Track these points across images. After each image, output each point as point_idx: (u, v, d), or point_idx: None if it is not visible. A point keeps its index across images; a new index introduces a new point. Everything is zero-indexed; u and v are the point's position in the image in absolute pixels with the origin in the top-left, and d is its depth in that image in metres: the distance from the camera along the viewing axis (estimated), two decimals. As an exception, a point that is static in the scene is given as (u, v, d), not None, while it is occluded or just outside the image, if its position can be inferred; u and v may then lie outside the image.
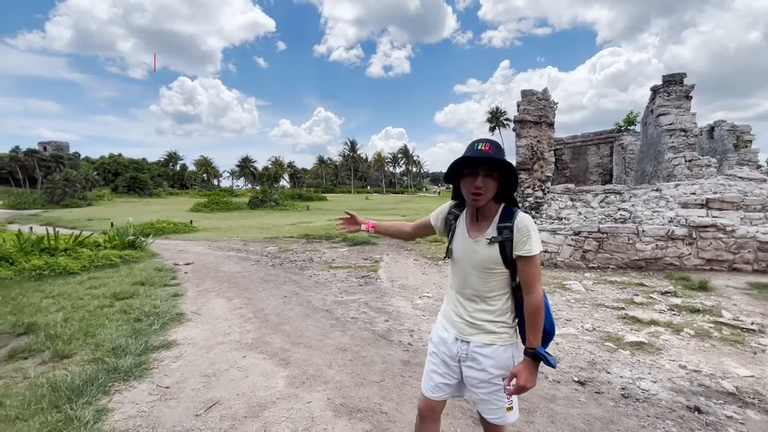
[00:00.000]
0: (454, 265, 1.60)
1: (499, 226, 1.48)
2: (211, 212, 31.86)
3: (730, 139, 12.71)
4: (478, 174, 1.43)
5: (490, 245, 1.47)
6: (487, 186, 1.43)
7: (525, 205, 9.72)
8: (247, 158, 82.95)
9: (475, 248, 1.51)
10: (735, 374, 3.01)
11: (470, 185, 1.44)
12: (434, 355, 1.66)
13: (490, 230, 1.49)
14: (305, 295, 5.64)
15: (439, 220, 1.72)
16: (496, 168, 1.44)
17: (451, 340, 1.58)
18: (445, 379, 1.61)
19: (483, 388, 1.53)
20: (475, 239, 1.52)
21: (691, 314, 4.42)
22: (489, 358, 1.50)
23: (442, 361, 1.62)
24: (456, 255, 1.58)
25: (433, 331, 1.74)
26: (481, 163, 1.43)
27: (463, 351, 1.55)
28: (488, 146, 1.43)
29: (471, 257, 1.52)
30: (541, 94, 9.79)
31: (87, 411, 2.45)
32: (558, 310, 4.69)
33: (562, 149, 18.69)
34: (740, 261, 6.37)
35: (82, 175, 43.49)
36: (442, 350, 1.62)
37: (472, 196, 1.45)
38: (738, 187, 8.06)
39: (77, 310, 4.61)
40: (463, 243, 1.56)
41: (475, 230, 1.54)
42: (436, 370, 1.63)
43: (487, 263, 1.48)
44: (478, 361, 1.52)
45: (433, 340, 1.70)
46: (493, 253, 1.47)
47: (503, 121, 60.61)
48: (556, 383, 2.95)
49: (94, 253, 7.82)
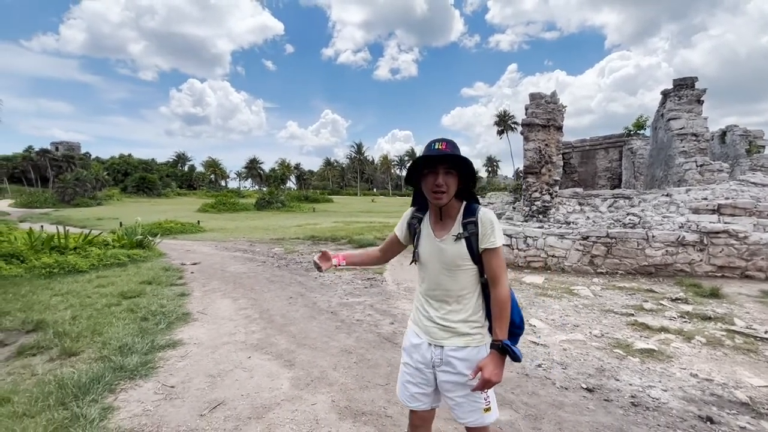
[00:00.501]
0: (423, 268, 1.58)
1: (464, 222, 1.49)
2: (218, 213, 32.12)
3: (743, 145, 12.49)
4: (438, 172, 1.43)
5: (457, 242, 1.48)
6: (448, 183, 1.44)
7: (533, 209, 9.64)
8: (254, 160, 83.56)
9: (442, 247, 1.51)
10: (748, 384, 2.94)
11: (431, 184, 1.45)
12: (407, 365, 1.63)
13: (455, 227, 1.51)
14: (311, 296, 5.64)
15: (404, 229, 1.69)
16: (456, 165, 1.44)
17: (425, 347, 1.56)
18: (421, 389, 1.59)
19: (458, 392, 1.51)
20: (441, 238, 1.52)
21: (703, 322, 4.33)
22: (463, 360, 1.49)
23: (416, 369, 1.59)
24: (423, 257, 1.56)
25: (404, 339, 1.70)
26: (440, 162, 1.43)
27: (437, 356, 1.53)
28: (445, 145, 1.45)
29: (439, 257, 1.51)
30: (549, 97, 9.72)
31: (93, 409, 2.46)
32: (565, 316, 4.63)
33: (571, 153, 18.53)
34: (753, 268, 6.24)
35: (93, 175, 44.11)
36: (415, 358, 1.59)
37: (434, 194, 1.45)
38: (751, 193, 7.91)
39: (85, 308, 4.65)
40: (429, 244, 1.55)
41: (440, 229, 1.54)
42: (411, 380, 1.60)
43: (456, 260, 1.48)
44: (452, 365, 1.50)
45: (406, 348, 1.66)
46: (461, 250, 1.48)
47: (511, 124, 60.35)
48: (564, 390, 2.90)
49: (103, 252, 7.91)
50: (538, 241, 7.45)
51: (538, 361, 3.40)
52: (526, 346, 3.73)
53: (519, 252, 7.65)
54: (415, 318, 1.65)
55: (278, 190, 50.53)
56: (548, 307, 5.00)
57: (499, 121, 62.71)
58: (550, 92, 9.85)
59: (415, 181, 1.56)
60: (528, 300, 5.30)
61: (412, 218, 1.65)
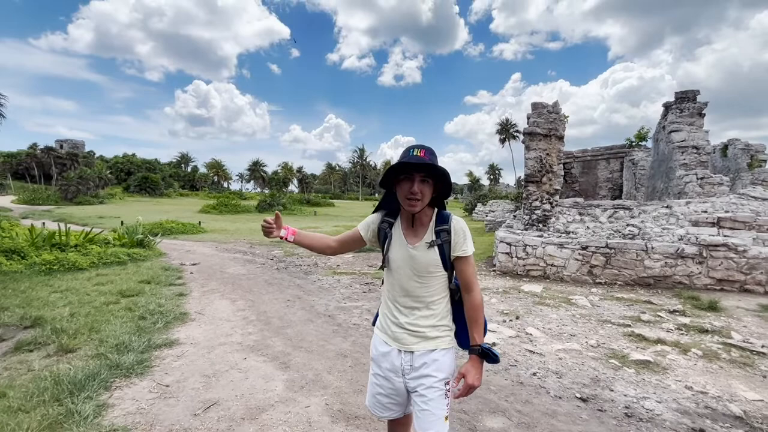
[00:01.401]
0: (392, 274, 1.55)
1: (437, 229, 1.50)
2: (219, 214, 32.16)
3: (744, 158, 12.52)
4: (414, 180, 1.42)
5: (430, 249, 1.48)
6: (423, 192, 1.43)
7: (533, 218, 9.66)
8: (257, 162, 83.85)
9: (414, 254, 1.50)
10: (743, 398, 2.93)
11: (407, 191, 1.43)
12: (378, 376, 1.59)
13: (428, 234, 1.51)
14: (308, 299, 5.65)
15: (370, 231, 1.65)
16: (432, 174, 1.44)
17: (394, 354, 1.53)
18: (391, 399, 1.57)
19: (425, 396, 1.47)
20: (414, 245, 1.51)
21: (700, 334, 4.32)
22: (432, 363, 1.49)
23: (385, 378, 1.56)
24: (394, 263, 1.54)
25: (372, 347, 1.65)
26: (417, 169, 1.42)
27: (407, 362, 1.51)
28: (423, 152, 1.43)
29: (411, 264, 1.50)
30: (551, 107, 9.78)
31: (87, 405, 2.47)
32: (563, 325, 4.63)
33: (572, 163, 18.57)
34: (752, 282, 6.23)
35: (96, 174, 44.27)
36: (384, 367, 1.56)
37: (408, 201, 1.44)
38: (751, 207, 7.92)
39: (84, 305, 4.67)
40: (401, 250, 1.53)
41: (411, 236, 1.53)
42: (381, 391, 1.57)
43: (428, 267, 1.48)
44: (422, 369, 1.49)
45: (374, 357, 1.61)
46: (433, 257, 1.48)
47: (513, 133, 60.48)
48: (558, 399, 2.90)
49: (103, 250, 7.94)
50: (538, 250, 7.46)
51: (533, 369, 3.40)
52: (522, 355, 3.73)
53: (518, 260, 7.65)
54: (382, 325, 1.61)
55: (280, 193, 50.61)
56: (546, 316, 4.99)
57: (501, 129, 62.87)
58: (552, 102, 9.90)
59: (389, 185, 1.55)
60: (526, 309, 5.30)
61: (383, 222, 1.61)
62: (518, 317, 4.89)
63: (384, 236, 1.59)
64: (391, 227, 1.58)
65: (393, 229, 1.58)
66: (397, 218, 1.60)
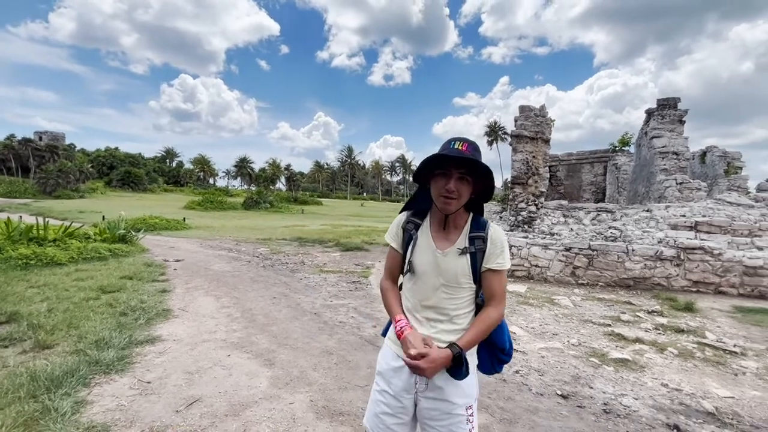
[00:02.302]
0: (416, 281, 1.37)
1: (471, 236, 1.34)
2: (205, 211, 31.70)
3: (721, 165, 12.95)
4: (452, 176, 1.25)
5: (461, 256, 1.33)
6: (460, 190, 1.26)
7: (518, 219, 9.80)
8: (244, 159, 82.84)
9: (443, 260, 1.33)
10: (715, 395, 3.04)
11: (441, 187, 1.27)
12: (385, 394, 1.38)
13: (461, 240, 1.35)
14: (295, 297, 5.62)
15: (399, 237, 1.45)
16: (473, 171, 1.27)
17: (408, 370, 1.30)
18: (398, 419, 1.37)
19: (443, 421, 1.32)
20: (444, 251, 1.34)
21: (676, 334, 4.46)
22: (454, 386, 1.31)
23: (394, 397, 1.36)
24: (420, 269, 1.35)
25: (379, 362, 1.45)
26: (456, 164, 1.25)
27: (422, 381, 1.32)
28: (466, 146, 1.26)
29: (438, 271, 1.33)
30: (538, 110, 9.94)
31: (65, 402, 2.41)
32: (545, 324, 4.72)
33: (557, 166, 18.91)
34: (726, 284, 6.45)
35: (77, 167, 43.10)
36: (395, 384, 1.36)
37: (444, 199, 1.27)
38: (726, 212, 8.20)
39: (62, 301, 4.56)
40: (428, 255, 1.35)
41: (442, 240, 1.36)
42: (388, 411, 1.37)
43: (457, 277, 1.33)
44: (440, 390, 1.31)
45: (383, 373, 1.41)
46: (464, 266, 1.32)
47: (501, 135, 61.23)
48: (540, 396, 2.96)
49: (84, 245, 7.74)
50: (523, 251, 7.57)
51: (516, 367, 3.46)
52: (505, 353, 3.79)
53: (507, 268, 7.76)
54: (396, 337, 1.37)
55: (267, 191, 50.15)
56: (529, 315, 5.08)
57: (489, 131, 63.58)
58: (540, 106, 10.07)
59: (423, 180, 1.37)
60: (510, 308, 5.38)
61: (408, 223, 1.42)
62: (502, 316, 4.97)
63: (409, 238, 1.40)
64: (418, 229, 1.40)
65: (420, 230, 1.40)
66: (425, 219, 1.42)
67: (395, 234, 1.46)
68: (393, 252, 1.48)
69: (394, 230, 1.47)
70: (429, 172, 1.32)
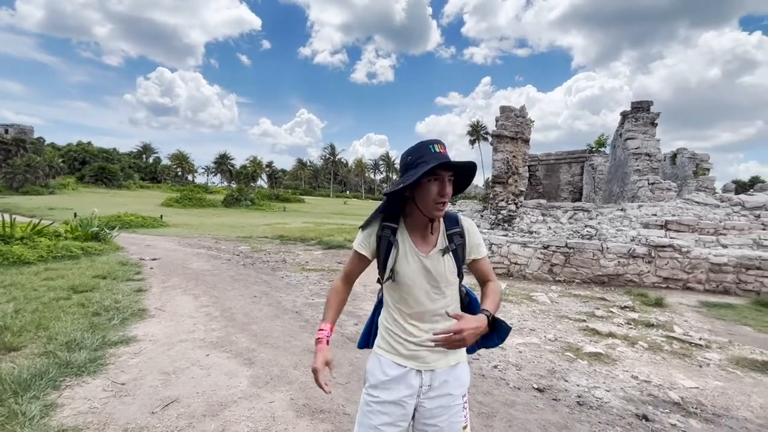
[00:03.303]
0: (404, 289, 1.34)
1: (449, 233, 1.36)
2: (183, 208, 30.95)
3: (690, 166, 13.51)
4: (445, 180, 1.25)
5: (445, 255, 1.34)
6: (450, 193, 1.27)
7: (499, 218, 9.98)
8: (224, 155, 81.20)
9: (430, 264, 1.33)
10: (681, 385, 3.19)
11: (434, 193, 1.24)
12: (385, 405, 1.33)
13: (440, 240, 1.35)
14: (276, 295, 5.57)
15: (371, 244, 1.39)
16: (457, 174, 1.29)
17: (412, 374, 1.32)
18: (398, 427, 1.33)
19: (444, 415, 1.33)
20: (427, 254, 1.33)
21: (646, 328, 4.65)
22: (453, 381, 1.35)
23: (397, 404, 1.32)
24: (406, 277, 1.32)
25: (373, 374, 1.38)
26: (447, 168, 1.25)
27: (427, 382, 1.33)
28: (444, 148, 1.27)
29: (427, 275, 1.32)
30: (518, 111, 10.13)
31: (34, 406, 2.33)
32: (523, 320, 4.83)
33: (537, 166, 19.32)
34: (693, 280, 6.75)
35: (46, 162, 41.32)
36: (397, 391, 1.33)
37: (437, 206, 1.26)
38: (694, 211, 8.57)
39: (30, 301, 4.38)
40: (413, 261, 1.33)
41: (421, 243, 1.35)
42: (388, 420, 1.31)
43: (447, 276, 1.34)
44: (443, 387, 1.34)
45: (378, 384, 1.35)
46: (450, 264, 1.34)
47: (483, 135, 62.06)
48: (517, 390, 3.04)
49: (53, 243, 7.45)
50: (503, 249, 7.72)
51: (494, 362, 3.54)
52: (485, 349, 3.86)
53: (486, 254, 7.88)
54: (390, 346, 1.37)
55: (248, 188, 49.31)
56: (508, 312, 5.19)
57: (472, 131, 64.35)
58: (520, 106, 10.27)
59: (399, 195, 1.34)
60: (489, 305, 5.48)
61: (384, 229, 1.36)
62: (482, 313, 5.06)
63: (388, 245, 1.35)
64: (395, 234, 1.35)
65: (399, 236, 1.35)
66: (399, 223, 1.37)
67: (366, 242, 1.40)
68: (359, 258, 1.42)
69: (364, 238, 1.40)
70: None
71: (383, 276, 1.38)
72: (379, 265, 1.39)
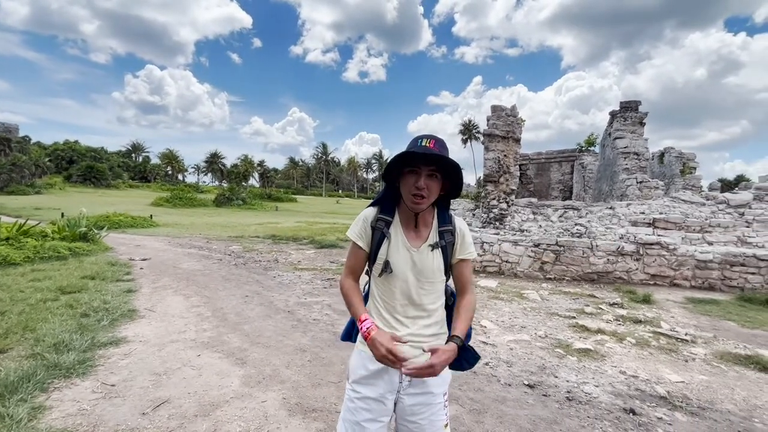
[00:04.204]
0: (393, 281, 1.35)
1: (441, 230, 1.38)
2: (173, 207, 30.61)
3: (678, 165, 13.75)
4: (421, 173, 1.26)
5: (433, 251, 1.36)
6: (430, 188, 1.27)
7: (490, 216, 10.05)
8: (215, 154, 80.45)
9: (418, 258, 1.35)
10: (668, 380, 3.26)
11: (411, 185, 1.27)
12: (367, 400, 1.34)
13: (431, 235, 1.37)
14: (268, 295, 5.55)
15: (366, 236, 1.40)
16: (441, 168, 1.28)
17: (392, 370, 1.32)
18: (380, 423, 1.35)
19: (425, 413, 1.35)
20: (417, 248, 1.36)
21: (634, 324, 4.73)
22: (433, 379, 1.33)
23: (377, 400, 1.34)
24: (396, 269, 1.34)
25: (354, 370, 1.40)
26: (425, 161, 1.26)
27: (407, 378, 1.33)
28: (433, 143, 1.27)
29: (414, 269, 1.34)
30: (509, 110, 10.21)
31: (21, 408, 2.30)
32: (514, 318, 4.88)
33: (527, 165, 19.49)
34: (680, 277, 6.89)
35: (33, 161, 40.53)
36: (378, 386, 1.34)
37: (413, 198, 1.28)
38: (681, 209, 8.73)
39: (17, 303, 4.31)
40: (403, 254, 1.35)
41: (413, 237, 1.37)
42: (370, 417, 1.33)
43: (434, 272, 1.35)
44: (424, 384, 1.34)
45: (360, 380, 1.37)
46: (438, 260, 1.36)
47: (475, 134, 62.36)
48: (508, 386, 3.08)
49: (40, 243, 7.33)
50: (494, 247, 7.78)
51: (486, 359, 3.57)
52: (476, 346, 3.89)
53: (476, 257, 7.94)
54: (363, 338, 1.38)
55: (240, 187, 48.92)
56: (499, 309, 5.24)
57: (464, 130, 64.61)
58: (511, 106, 10.35)
59: (392, 179, 1.37)
60: (481, 303, 5.53)
61: (378, 221, 1.38)
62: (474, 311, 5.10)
63: (381, 237, 1.37)
64: (388, 226, 1.38)
65: (392, 228, 1.38)
66: (394, 215, 1.40)
67: (361, 232, 1.40)
68: (357, 250, 1.41)
69: (360, 228, 1.41)
70: (398, 171, 1.33)
71: (372, 267, 1.40)
72: (370, 256, 1.40)
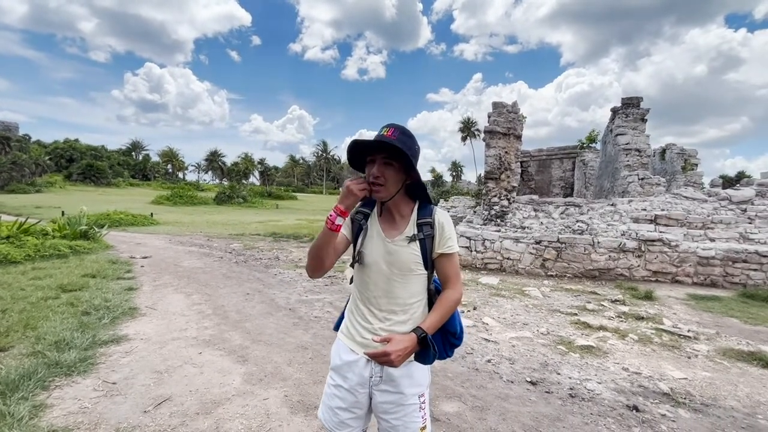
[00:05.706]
0: (367, 272, 1.36)
1: (419, 222, 1.35)
2: (174, 206, 30.62)
3: (679, 162, 13.70)
4: (377, 162, 1.27)
5: (411, 244, 1.33)
6: (386, 176, 1.27)
7: (491, 213, 10.03)
8: (215, 152, 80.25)
9: (393, 249, 1.33)
10: (671, 376, 3.25)
11: (368, 174, 1.29)
12: (339, 389, 1.37)
13: (409, 228, 1.35)
14: (269, 293, 5.54)
15: (348, 227, 1.42)
16: (395, 156, 1.27)
17: (362, 363, 1.33)
18: (352, 413, 1.36)
19: (397, 413, 1.33)
20: (393, 239, 1.34)
21: (636, 321, 4.72)
22: (407, 377, 1.33)
23: (350, 391, 1.35)
24: (370, 259, 1.35)
25: (333, 357, 1.43)
26: (377, 149, 1.28)
27: (377, 374, 1.32)
28: (392, 131, 1.26)
29: (389, 260, 1.33)
30: (510, 107, 10.16)
31: (22, 406, 2.29)
32: (516, 315, 4.87)
33: (528, 161, 19.44)
34: (682, 274, 6.86)
35: (32, 160, 40.52)
36: (350, 378, 1.35)
37: (371, 186, 1.29)
38: (683, 206, 8.70)
39: (17, 301, 4.30)
40: (378, 245, 1.35)
41: (390, 229, 1.37)
42: (341, 405, 1.36)
43: (409, 264, 1.33)
44: (395, 383, 1.32)
45: (336, 367, 1.40)
46: (414, 253, 1.33)
47: (474, 131, 62.14)
48: (510, 383, 3.07)
49: (41, 242, 7.32)
50: (495, 244, 7.76)
51: (488, 356, 3.56)
52: (478, 343, 3.89)
53: (477, 254, 7.93)
54: (348, 330, 1.41)
55: (240, 185, 48.94)
56: (501, 306, 5.23)
57: (463, 127, 64.39)
58: (512, 102, 10.30)
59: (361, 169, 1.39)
60: (483, 300, 5.51)
61: (357, 213, 1.41)
62: (476, 308, 5.09)
63: (359, 228, 1.39)
64: (367, 218, 1.40)
65: (369, 220, 1.40)
66: (373, 208, 1.42)
67: (347, 224, 1.41)
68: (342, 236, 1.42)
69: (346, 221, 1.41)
70: (364, 161, 1.34)
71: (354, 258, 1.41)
72: (353, 248, 1.43)
